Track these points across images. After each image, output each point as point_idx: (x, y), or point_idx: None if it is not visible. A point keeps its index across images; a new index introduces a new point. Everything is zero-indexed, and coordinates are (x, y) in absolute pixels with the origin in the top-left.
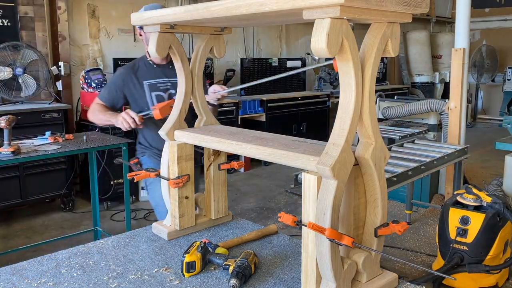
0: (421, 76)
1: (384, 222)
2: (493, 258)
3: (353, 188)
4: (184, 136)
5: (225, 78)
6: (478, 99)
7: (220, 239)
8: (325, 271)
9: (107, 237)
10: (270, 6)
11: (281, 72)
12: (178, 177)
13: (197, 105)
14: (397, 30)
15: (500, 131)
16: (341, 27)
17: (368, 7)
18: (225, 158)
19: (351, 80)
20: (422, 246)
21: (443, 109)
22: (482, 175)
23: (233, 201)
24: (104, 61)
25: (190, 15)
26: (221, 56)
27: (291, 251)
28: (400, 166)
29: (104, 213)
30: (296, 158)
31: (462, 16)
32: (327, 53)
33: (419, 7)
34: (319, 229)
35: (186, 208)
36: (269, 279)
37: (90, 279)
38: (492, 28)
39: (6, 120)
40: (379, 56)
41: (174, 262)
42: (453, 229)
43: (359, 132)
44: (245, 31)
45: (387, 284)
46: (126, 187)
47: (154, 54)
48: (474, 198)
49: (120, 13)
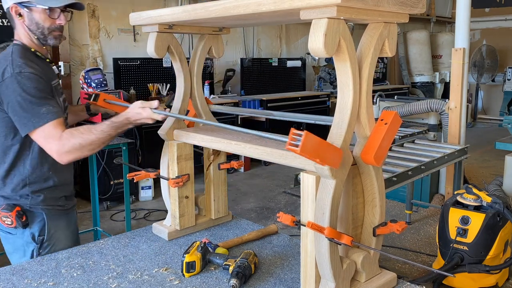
0: (421, 76)
1: (383, 221)
2: (493, 258)
3: (351, 188)
4: (184, 135)
5: (225, 78)
6: (478, 99)
7: (220, 239)
8: (324, 270)
9: (107, 237)
10: (268, 6)
11: (281, 72)
12: (178, 176)
13: (197, 105)
14: (394, 30)
15: (500, 131)
16: (338, 27)
17: (365, 7)
18: (224, 157)
19: (349, 79)
20: (422, 246)
21: (443, 109)
22: (482, 175)
23: (233, 201)
24: (104, 61)
25: (189, 15)
26: (219, 56)
27: (291, 251)
28: (400, 166)
29: (104, 213)
30: (295, 158)
31: (462, 16)
32: (325, 53)
33: (415, 8)
34: (318, 228)
35: (186, 208)
36: (269, 279)
37: (90, 279)
38: (492, 28)
39: None
40: (376, 56)
41: (174, 262)
42: (453, 229)
43: (357, 132)
44: (245, 31)
45: (386, 283)
46: (126, 187)
47: (153, 54)
48: (474, 198)
49: (120, 13)
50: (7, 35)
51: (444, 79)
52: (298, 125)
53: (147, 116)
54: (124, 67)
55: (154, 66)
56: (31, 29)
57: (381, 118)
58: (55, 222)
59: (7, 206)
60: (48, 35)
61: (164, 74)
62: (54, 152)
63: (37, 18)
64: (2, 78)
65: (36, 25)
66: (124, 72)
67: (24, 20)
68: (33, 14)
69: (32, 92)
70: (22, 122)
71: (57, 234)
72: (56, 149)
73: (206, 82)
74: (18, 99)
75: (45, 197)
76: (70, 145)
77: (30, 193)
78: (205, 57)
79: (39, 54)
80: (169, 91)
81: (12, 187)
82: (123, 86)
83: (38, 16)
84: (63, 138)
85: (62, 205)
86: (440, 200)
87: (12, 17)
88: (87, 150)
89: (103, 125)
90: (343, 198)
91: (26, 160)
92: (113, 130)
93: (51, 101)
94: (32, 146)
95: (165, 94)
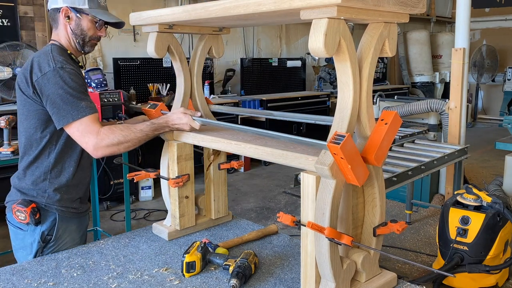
0: (421, 76)
1: (383, 221)
2: (493, 258)
3: (352, 188)
4: (184, 135)
5: (225, 78)
6: (478, 99)
7: (220, 239)
8: (325, 270)
9: (107, 237)
10: (268, 6)
11: (281, 72)
12: (178, 176)
13: (197, 105)
14: (394, 30)
15: (500, 131)
16: (339, 27)
17: (365, 7)
18: (224, 157)
19: (349, 79)
20: (422, 246)
21: (443, 109)
22: (482, 175)
23: (233, 201)
24: (104, 61)
25: (189, 15)
26: (219, 56)
27: (291, 251)
28: (400, 166)
29: (104, 213)
30: (295, 158)
31: (462, 16)
32: (325, 53)
33: (416, 7)
34: (318, 228)
35: (186, 208)
36: (269, 279)
37: (90, 279)
38: (492, 28)
39: (6, 120)
40: (377, 56)
41: (174, 262)
42: (453, 229)
43: (357, 132)
44: (245, 31)
45: (386, 283)
46: (126, 187)
47: (153, 54)
48: (474, 198)
49: (120, 13)
50: (7, 35)
51: (444, 79)
52: (298, 125)
53: (187, 122)
54: (124, 67)
55: (154, 66)
56: (75, 33)
57: (381, 118)
58: (65, 223)
59: (23, 201)
60: (88, 43)
61: (164, 74)
62: (90, 145)
63: (84, 25)
64: (43, 72)
65: (81, 31)
66: (124, 72)
67: (70, 24)
68: (82, 20)
69: (73, 85)
70: (61, 114)
71: (65, 236)
72: (94, 142)
73: (206, 82)
74: (60, 92)
75: (62, 197)
76: (109, 140)
77: (48, 188)
78: (205, 57)
79: (74, 57)
80: (169, 91)
81: (33, 179)
82: (123, 86)
83: (86, 24)
84: (101, 133)
85: (76, 207)
86: (440, 200)
87: (57, 18)
88: (123, 148)
89: (143, 124)
90: (343, 198)
91: (51, 154)
92: (151, 131)
93: (89, 97)
94: (59, 141)
95: (165, 94)
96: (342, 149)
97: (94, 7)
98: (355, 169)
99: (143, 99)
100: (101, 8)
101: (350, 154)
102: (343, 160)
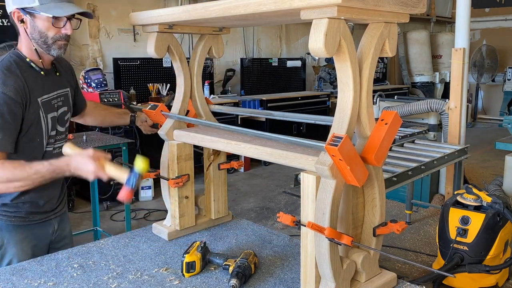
0: (421, 76)
1: (383, 221)
2: (493, 258)
3: (351, 188)
4: (184, 135)
5: (225, 78)
6: (478, 99)
7: (220, 239)
8: (325, 270)
9: (107, 237)
10: (268, 6)
11: (281, 72)
12: (178, 176)
13: (197, 105)
14: (395, 30)
15: (500, 131)
16: (339, 27)
17: (365, 7)
18: (224, 157)
19: (349, 79)
20: (422, 246)
21: (443, 109)
22: (482, 175)
23: (233, 201)
24: (104, 61)
25: (189, 15)
26: (219, 56)
27: (291, 251)
28: (400, 166)
29: (104, 213)
30: (295, 158)
31: (462, 16)
32: (325, 53)
33: (416, 7)
34: (318, 228)
35: (186, 208)
36: (269, 279)
37: (90, 279)
38: (492, 28)
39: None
40: (377, 56)
41: (174, 262)
42: (453, 229)
43: (357, 132)
44: (245, 31)
45: (386, 283)
46: None
47: (153, 54)
48: (474, 198)
49: (120, 13)
50: (7, 35)
51: (444, 79)
52: (298, 125)
53: (92, 171)
54: (124, 67)
55: (154, 66)
56: (33, 37)
57: (381, 118)
58: (8, 233)
59: None
60: (52, 45)
61: (164, 74)
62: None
63: (40, 26)
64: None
65: (39, 33)
66: (124, 72)
67: (26, 27)
68: (36, 21)
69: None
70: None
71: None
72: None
73: (206, 82)
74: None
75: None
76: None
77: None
78: (205, 57)
79: (34, 65)
80: (169, 91)
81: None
82: (123, 86)
83: (42, 24)
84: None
85: (24, 217)
86: (440, 200)
87: (15, 24)
88: (12, 187)
89: (40, 165)
90: (343, 198)
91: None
92: (49, 173)
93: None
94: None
95: (165, 94)
96: (340, 151)
97: (46, 1)
98: (354, 170)
99: (143, 99)
100: (54, 1)
101: (349, 155)
102: (341, 161)
